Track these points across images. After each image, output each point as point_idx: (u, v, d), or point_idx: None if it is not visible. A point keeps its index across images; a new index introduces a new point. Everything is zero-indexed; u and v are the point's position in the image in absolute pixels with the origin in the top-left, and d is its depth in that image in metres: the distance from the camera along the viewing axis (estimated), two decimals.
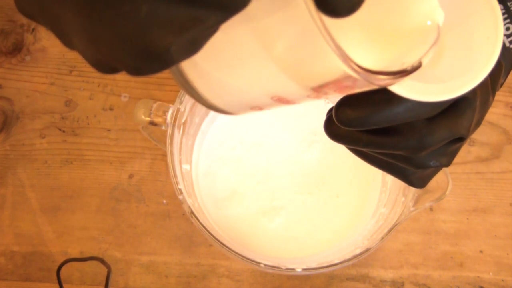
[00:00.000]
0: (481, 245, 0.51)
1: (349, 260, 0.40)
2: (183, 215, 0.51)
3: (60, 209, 0.51)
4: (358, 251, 0.40)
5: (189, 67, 0.21)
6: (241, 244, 0.47)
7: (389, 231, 0.40)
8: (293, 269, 0.40)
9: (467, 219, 0.52)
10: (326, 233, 0.48)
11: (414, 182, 0.30)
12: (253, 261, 0.39)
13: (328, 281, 0.49)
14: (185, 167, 0.45)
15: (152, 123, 0.41)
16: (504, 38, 0.28)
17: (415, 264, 0.50)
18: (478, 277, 0.50)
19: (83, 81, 0.55)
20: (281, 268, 0.40)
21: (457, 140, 0.27)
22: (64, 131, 0.53)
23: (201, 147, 0.50)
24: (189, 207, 0.40)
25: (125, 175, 0.52)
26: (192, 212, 0.39)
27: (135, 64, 0.17)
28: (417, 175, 0.29)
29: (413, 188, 0.41)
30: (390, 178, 0.47)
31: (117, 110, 0.54)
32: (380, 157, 0.29)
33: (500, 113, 0.54)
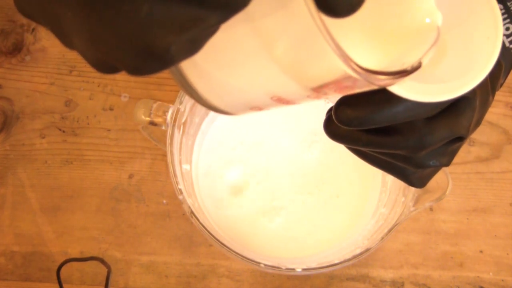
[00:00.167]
0: (481, 245, 0.51)
1: (349, 260, 0.40)
2: (183, 215, 0.51)
3: (60, 209, 0.51)
4: (358, 251, 0.40)
5: (189, 67, 0.21)
6: (241, 244, 0.47)
7: (389, 231, 0.40)
8: (293, 269, 0.40)
9: (467, 219, 0.52)
10: (326, 233, 0.48)
11: (414, 181, 0.30)
12: (253, 261, 0.39)
13: (328, 281, 0.49)
14: (185, 167, 0.45)
15: (152, 123, 0.41)
16: (504, 38, 0.28)
17: (415, 264, 0.50)
18: (478, 277, 0.50)
19: (83, 81, 0.55)
20: (281, 268, 0.40)
21: (456, 139, 0.27)
22: (64, 131, 0.53)
23: (201, 147, 0.50)
24: (189, 207, 0.40)
25: (125, 175, 0.52)
26: (192, 212, 0.39)
27: (135, 64, 0.17)
28: (417, 174, 0.29)
29: (413, 188, 0.41)
30: (390, 178, 0.47)
31: (117, 110, 0.54)
32: (380, 156, 0.29)
33: (500, 113, 0.54)
